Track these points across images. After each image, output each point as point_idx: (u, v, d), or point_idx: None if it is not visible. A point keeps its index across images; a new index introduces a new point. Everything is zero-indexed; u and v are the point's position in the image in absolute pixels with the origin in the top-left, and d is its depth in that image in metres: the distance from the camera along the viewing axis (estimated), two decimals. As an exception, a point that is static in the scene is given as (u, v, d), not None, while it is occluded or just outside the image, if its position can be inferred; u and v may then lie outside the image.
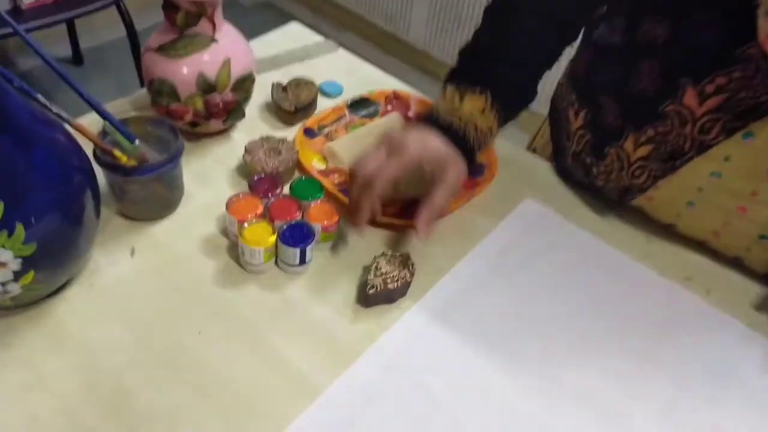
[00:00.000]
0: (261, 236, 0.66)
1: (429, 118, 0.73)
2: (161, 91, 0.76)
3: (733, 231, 0.74)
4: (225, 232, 0.71)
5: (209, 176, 0.78)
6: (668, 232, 0.80)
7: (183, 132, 0.72)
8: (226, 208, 0.68)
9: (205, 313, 0.64)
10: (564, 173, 0.88)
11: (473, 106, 0.73)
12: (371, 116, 0.90)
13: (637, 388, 0.64)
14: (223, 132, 0.84)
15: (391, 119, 0.88)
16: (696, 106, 0.67)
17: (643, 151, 0.74)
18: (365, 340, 0.64)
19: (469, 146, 0.72)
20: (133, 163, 0.66)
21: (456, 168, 0.69)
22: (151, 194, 0.69)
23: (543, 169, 0.89)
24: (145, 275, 0.66)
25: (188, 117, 0.78)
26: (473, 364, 0.63)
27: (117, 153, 0.66)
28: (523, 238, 0.77)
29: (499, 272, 0.73)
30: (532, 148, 1.00)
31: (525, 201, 0.82)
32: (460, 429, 0.58)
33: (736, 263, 0.78)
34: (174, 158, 0.67)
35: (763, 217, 0.71)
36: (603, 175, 0.80)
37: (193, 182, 0.76)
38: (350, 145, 0.82)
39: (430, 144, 0.69)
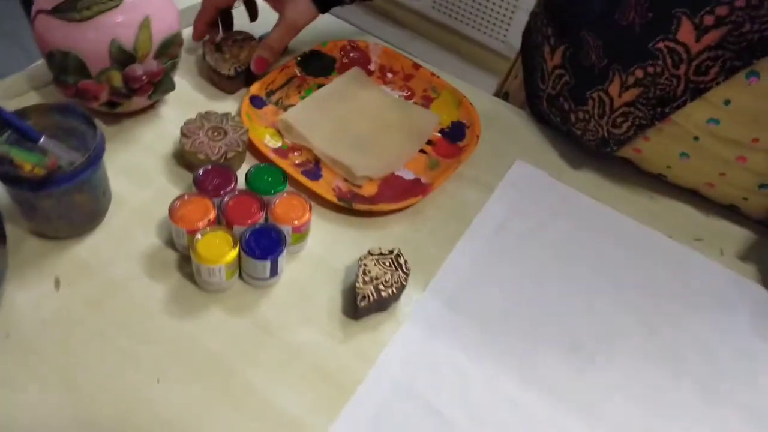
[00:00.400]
0: (219, 249, 0.53)
1: None
2: (65, 67, 0.59)
3: (729, 181, 0.67)
4: (171, 242, 0.58)
5: (139, 169, 0.63)
6: (661, 182, 0.72)
7: (97, 114, 0.56)
8: (170, 216, 0.54)
9: (161, 354, 0.51)
10: (540, 118, 0.78)
11: None
12: (327, 74, 0.76)
13: (670, 373, 0.57)
14: (148, 109, 0.69)
15: (352, 75, 0.75)
16: (692, 41, 0.58)
17: (629, 95, 0.64)
18: (362, 363, 0.53)
19: None
20: (40, 171, 0.51)
21: (293, 5, 0.70)
22: (70, 207, 0.54)
23: (525, 120, 0.78)
24: (77, 312, 0.53)
25: (104, 97, 0.62)
26: (492, 378, 0.54)
27: (17, 159, 0.50)
28: (521, 209, 0.67)
29: (500, 255, 0.63)
30: (503, 92, 0.89)
31: (516, 164, 0.72)
32: (487, 460, 0.50)
33: (731, 209, 0.71)
34: (95, 158, 0.52)
35: (764, 165, 0.64)
36: (581, 123, 0.70)
37: (120, 179, 0.61)
38: (308, 113, 0.69)
39: None
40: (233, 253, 0.53)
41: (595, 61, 0.66)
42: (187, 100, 0.70)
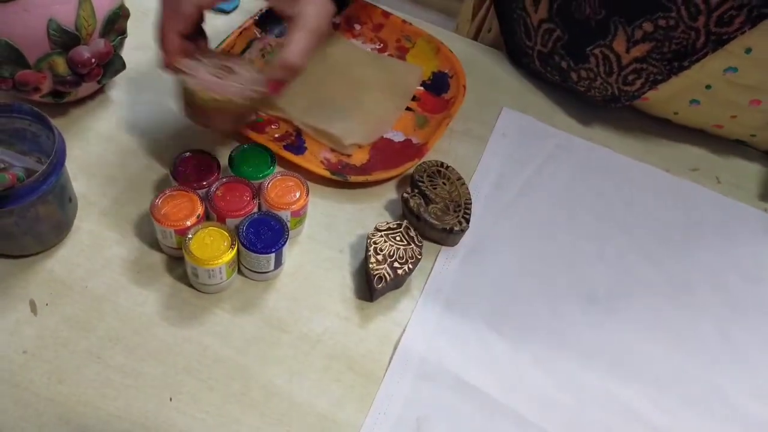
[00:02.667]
0: (215, 247, 0.48)
1: None
2: (-4, 57, 0.51)
3: (739, 122, 0.65)
4: (153, 242, 0.52)
5: (101, 165, 0.56)
6: (652, 116, 0.70)
7: (39, 106, 0.49)
8: (153, 216, 0.48)
9: (168, 370, 0.46)
10: (533, 74, 0.73)
11: None
12: (289, 33, 0.69)
13: (686, 309, 0.57)
14: (97, 94, 0.61)
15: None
16: None
17: (638, 51, 0.60)
18: (384, 346, 0.50)
19: None
20: (-5, 188, 0.44)
21: (314, 5, 0.50)
22: (35, 221, 0.47)
23: (507, 64, 0.74)
24: (62, 336, 0.47)
25: (47, 87, 0.54)
26: (517, 343, 0.52)
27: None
28: (516, 160, 0.64)
29: (504, 210, 0.60)
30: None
31: (503, 112, 0.68)
32: (529, 425, 0.48)
33: (737, 143, 0.70)
34: (58, 163, 0.46)
35: None
36: (585, 81, 0.66)
37: (81, 180, 0.54)
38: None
39: None
40: (233, 251, 0.48)
41: (590, 13, 0.61)
42: (138, 79, 0.62)
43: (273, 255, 0.48)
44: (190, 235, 0.48)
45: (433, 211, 0.55)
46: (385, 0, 0.74)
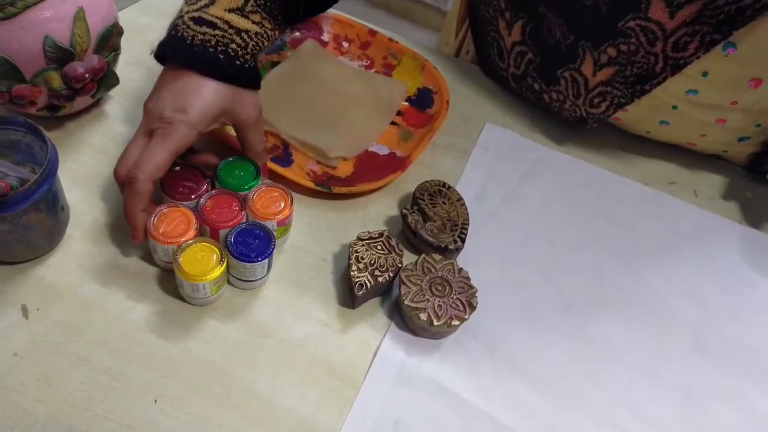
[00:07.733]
0: (204, 263, 0.49)
1: (172, 48, 0.51)
2: (-6, 72, 0.53)
3: (710, 139, 0.67)
4: (143, 252, 0.54)
5: (94, 176, 0.58)
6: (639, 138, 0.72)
7: (35, 119, 0.51)
8: (152, 236, 0.50)
9: (153, 373, 0.48)
10: (509, 92, 0.75)
11: (223, 5, 0.51)
12: (280, 50, 0.72)
13: (661, 318, 0.58)
14: (92, 108, 0.63)
15: (307, 49, 0.70)
16: (666, 18, 0.55)
17: (604, 74, 0.62)
18: (364, 352, 0.52)
19: (244, 64, 0.52)
20: (-10, 195, 0.46)
21: (245, 105, 0.52)
22: (27, 229, 0.49)
23: (490, 82, 0.76)
24: (52, 340, 0.48)
25: (42, 101, 0.56)
26: (495, 350, 0.53)
27: (-39, 185, 0.45)
28: (497, 173, 0.66)
29: (484, 221, 0.62)
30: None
31: (486, 127, 0.70)
32: (507, 431, 0.50)
33: (715, 157, 0.72)
34: (50, 172, 0.47)
35: (742, 123, 0.64)
36: (557, 103, 0.68)
37: (75, 191, 0.56)
38: (268, 95, 0.64)
39: (196, 104, 0.49)
40: (221, 269, 0.49)
41: (560, 37, 0.63)
42: (132, 93, 0.65)
43: (265, 262, 0.50)
44: (180, 251, 0.49)
45: (429, 228, 0.57)
46: (379, 17, 0.77)
